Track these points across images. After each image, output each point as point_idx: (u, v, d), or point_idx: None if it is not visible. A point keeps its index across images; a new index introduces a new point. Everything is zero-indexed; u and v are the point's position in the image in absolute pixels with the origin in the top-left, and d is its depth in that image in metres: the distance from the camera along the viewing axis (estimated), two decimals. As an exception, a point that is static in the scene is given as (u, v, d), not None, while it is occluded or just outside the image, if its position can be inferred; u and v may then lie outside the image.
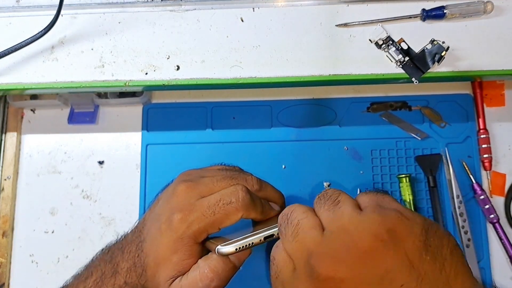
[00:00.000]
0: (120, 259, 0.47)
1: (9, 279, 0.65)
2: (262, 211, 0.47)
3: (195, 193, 0.46)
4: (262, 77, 0.53)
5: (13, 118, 0.70)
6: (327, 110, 0.68)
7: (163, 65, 0.53)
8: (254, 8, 0.55)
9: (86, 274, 0.47)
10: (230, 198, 0.44)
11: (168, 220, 0.45)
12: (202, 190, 0.46)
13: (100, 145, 0.69)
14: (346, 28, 0.53)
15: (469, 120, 0.66)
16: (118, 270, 0.46)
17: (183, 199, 0.46)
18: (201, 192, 0.46)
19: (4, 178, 0.67)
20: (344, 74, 0.52)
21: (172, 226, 0.44)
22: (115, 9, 0.55)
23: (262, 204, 0.47)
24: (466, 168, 0.64)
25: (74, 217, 0.66)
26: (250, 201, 0.45)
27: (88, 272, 0.47)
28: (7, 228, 0.66)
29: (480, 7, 0.52)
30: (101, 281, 0.46)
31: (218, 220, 0.44)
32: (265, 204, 0.48)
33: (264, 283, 0.63)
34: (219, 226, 0.44)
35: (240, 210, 0.44)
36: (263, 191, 0.50)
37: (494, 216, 0.62)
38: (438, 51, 0.51)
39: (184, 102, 0.69)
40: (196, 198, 0.46)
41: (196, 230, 0.44)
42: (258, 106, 0.68)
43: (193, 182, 0.47)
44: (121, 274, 0.46)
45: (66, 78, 0.53)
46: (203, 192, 0.46)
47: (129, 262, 0.46)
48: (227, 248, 0.42)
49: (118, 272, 0.46)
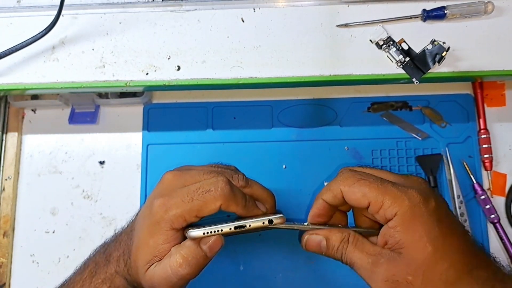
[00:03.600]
0: (113, 249, 0.48)
1: (10, 279, 0.65)
2: (245, 205, 0.46)
3: (179, 182, 0.47)
4: (263, 77, 0.53)
5: (14, 118, 0.70)
6: (327, 110, 0.68)
7: (164, 65, 0.53)
8: (254, 9, 0.55)
9: (83, 267, 0.49)
10: (209, 187, 0.44)
11: (150, 205, 0.45)
12: (187, 180, 0.47)
13: (101, 145, 0.69)
14: (347, 28, 0.54)
15: (469, 120, 0.66)
16: (110, 259, 0.48)
17: (167, 186, 0.47)
18: (185, 181, 0.47)
19: (5, 178, 0.67)
20: (344, 74, 0.52)
21: (152, 211, 0.45)
22: (116, 9, 0.55)
23: (246, 199, 0.47)
24: (466, 168, 0.64)
25: (75, 217, 0.66)
26: (230, 192, 0.45)
27: (85, 265, 0.49)
28: (8, 228, 0.66)
29: (481, 7, 0.52)
30: (95, 270, 0.47)
31: (195, 207, 0.44)
32: (249, 200, 0.47)
33: (264, 283, 0.63)
34: (196, 214, 0.44)
35: (219, 199, 0.44)
36: (249, 188, 0.50)
37: (494, 216, 0.62)
38: (439, 51, 0.51)
39: (185, 102, 0.69)
40: (179, 186, 0.46)
41: (173, 215, 0.44)
42: (258, 106, 0.68)
43: (180, 172, 0.48)
44: (112, 263, 0.47)
45: (67, 78, 0.53)
46: (187, 181, 0.47)
47: (120, 251, 0.48)
48: (195, 232, 0.43)
49: (110, 262, 0.48)
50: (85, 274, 0.48)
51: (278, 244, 0.63)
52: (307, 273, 0.63)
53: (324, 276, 0.63)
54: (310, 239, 0.45)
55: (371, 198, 0.41)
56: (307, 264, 0.63)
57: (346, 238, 0.43)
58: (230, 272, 0.63)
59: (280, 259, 0.63)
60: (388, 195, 0.40)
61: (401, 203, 0.40)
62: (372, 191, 0.41)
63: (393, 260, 0.40)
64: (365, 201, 0.41)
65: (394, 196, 0.40)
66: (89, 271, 0.48)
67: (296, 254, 0.63)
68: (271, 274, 0.63)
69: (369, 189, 0.41)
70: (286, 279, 0.63)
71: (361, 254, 0.42)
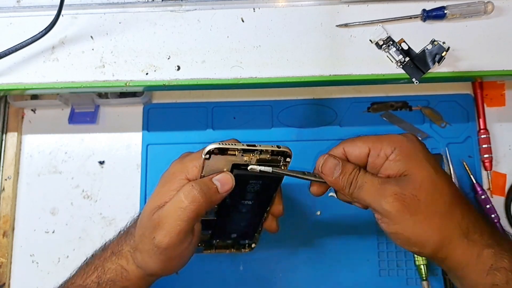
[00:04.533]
0: (113, 240, 0.50)
1: (10, 279, 0.65)
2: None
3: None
4: (263, 77, 0.53)
5: (13, 118, 0.70)
6: (327, 110, 0.68)
7: (164, 65, 0.53)
8: (254, 9, 0.55)
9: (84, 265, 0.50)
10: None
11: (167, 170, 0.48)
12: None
13: (100, 145, 0.69)
14: (347, 28, 0.54)
15: (469, 120, 0.66)
16: (106, 246, 0.50)
17: (178, 160, 0.49)
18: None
19: (4, 178, 0.67)
20: (344, 74, 0.52)
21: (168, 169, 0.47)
22: (115, 9, 0.55)
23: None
24: (466, 168, 0.64)
25: (75, 217, 0.66)
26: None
27: (86, 263, 0.50)
28: (7, 228, 0.66)
29: (481, 7, 0.52)
30: (91, 257, 0.50)
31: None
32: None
33: (264, 283, 0.63)
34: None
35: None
36: None
37: (494, 216, 0.62)
38: (439, 51, 0.51)
39: (185, 102, 0.69)
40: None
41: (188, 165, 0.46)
42: (258, 106, 0.68)
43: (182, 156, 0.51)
44: (110, 247, 0.49)
45: (66, 78, 0.53)
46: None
47: (121, 238, 0.49)
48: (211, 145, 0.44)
49: (106, 247, 0.49)
50: (84, 265, 0.49)
51: (278, 244, 0.63)
52: (307, 273, 0.63)
53: (324, 276, 0.63)
54: (328, 160, 0.47)
55: (370, 143, 0.46)
56: (307, 264, 0.63)
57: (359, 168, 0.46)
58: (230, 272, 0.63)
59: (280, 259, 0.63)
60: (385, 139, 0.46)
61: (398, 140, 0.45)
62: (371, 139, 0.46)
63: (400, 181, 0.44)
64: (365, 149, 0.46)
65: (390, 138, 0.46)
66: (86, 262, 0.50)
67: (296, 254, 0.63)
68: (271, 274, 0.63)
69: (367, 138, 0.46)
70: (286, 279, 0.63)
71: (372, 177, 0.45)
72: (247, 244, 0.54)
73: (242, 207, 0.49)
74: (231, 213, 0.50)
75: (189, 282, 0.63)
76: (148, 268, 0.46)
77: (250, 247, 0.54)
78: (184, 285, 0.63)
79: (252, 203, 0.49)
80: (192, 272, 0.54)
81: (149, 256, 0.45)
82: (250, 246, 0.54)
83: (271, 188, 0.49)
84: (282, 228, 0.63)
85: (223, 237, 0.53)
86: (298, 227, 0.64)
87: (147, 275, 0.47)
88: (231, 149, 0.45)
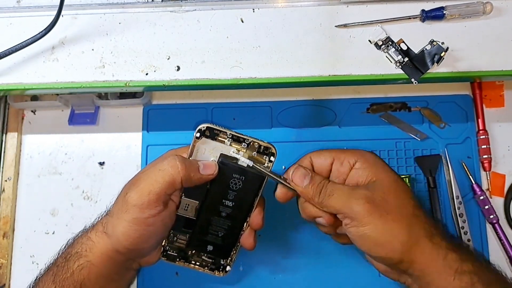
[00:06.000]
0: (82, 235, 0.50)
1: (10, 280, 0.65)
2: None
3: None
4: (262, 77, 0.53)
5: (13, 119, 0.70)
6: (327, 110, 0.68)
7: (164, 66, 0.54)
8: (254, 9, 0.55)
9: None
10: None
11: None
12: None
13: (100, 146, 0.69)
14: (346, 28, 0.54)
15: (468, 121, 0.66)
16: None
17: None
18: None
19: (4, 179, 0.67)
20: (343, 74, 0.53)
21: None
22: (115, 9, 0.55)
23: None
24: (465, 168, 0.64)
25: (75, 218, 0.66)
26: None
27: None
28: (7, 229, 0.66)
29: (480, 8, 0.52)
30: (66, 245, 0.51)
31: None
32: None
33: (264, 284, 0.63)
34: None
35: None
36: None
37: (493, 217, 0.62)
38: (438, 51, 0.51)
39: (185, 103, 0.69)
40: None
41: (177, 150, 0.50)
42: (258, 107, 0.68)
43: None
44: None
45: (66, 78, 0.54)
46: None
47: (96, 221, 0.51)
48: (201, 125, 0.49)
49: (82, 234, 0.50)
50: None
51: (278, 245, 0.63)
52: (306, 274, 0.63)
53: (324, 276, 0.63)
54: (298, 170, 0.49)
55: (334, 154, 0.50)
56: (307, 265, 0.63)
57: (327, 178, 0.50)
58: (230, 272, 0.63)
59: (280, 260, 0.63)
60: (348, 151, 0.51)
61: (359, 152, 0.50)
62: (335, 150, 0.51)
63: (369, 186, 0.47)
64: (330, 158, 0.50)
65: (352, 150, 0.50)
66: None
67: (296, 255, 0.63)
68: (271, 274, 0.63)
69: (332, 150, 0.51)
70: (286, 279, 0.63)
71: (341, 185, 0.48)
72: (222, 266, 0.54)
73: (222, 208, 0.50)
74: (211, 215, 0.51)
75: (189, 282, 0.63)
76: (115, 233, 0.46)
77: (225, 271, 0.54)
78: (184, 285, 0.63)
79: (233, 205, 0.50)
80: (192, 272, 0.54)
81: (117, 217, 0.46)
82: (225, 269, 0.54)
83: (253, 189, 0.50)
84: (281, 229, 0.64)
85: (200, 247, 0.53)
86: (297, 228, 0.64)
87: (113, 250, 0.47)
88: (222, 132, 0.48)
